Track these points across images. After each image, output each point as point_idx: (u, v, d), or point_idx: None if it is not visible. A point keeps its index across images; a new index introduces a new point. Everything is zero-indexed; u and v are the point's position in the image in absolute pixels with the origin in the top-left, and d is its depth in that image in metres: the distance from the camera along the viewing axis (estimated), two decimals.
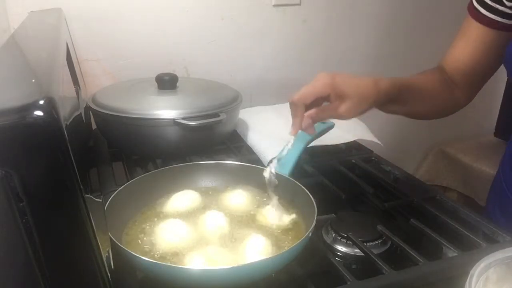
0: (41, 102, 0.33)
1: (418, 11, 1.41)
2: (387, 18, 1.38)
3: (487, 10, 0.73)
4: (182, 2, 1.11)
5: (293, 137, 0.67)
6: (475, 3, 0.75)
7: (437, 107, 0.80)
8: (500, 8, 0.71)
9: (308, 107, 0.64)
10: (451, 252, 0.63)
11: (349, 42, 1.35)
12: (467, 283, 0.44)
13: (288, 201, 0.69)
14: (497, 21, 0.73)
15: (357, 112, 0.63)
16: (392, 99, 0.68)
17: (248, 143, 0.97)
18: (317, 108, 0.65)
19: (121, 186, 0.65)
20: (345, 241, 0.66)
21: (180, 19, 1.12)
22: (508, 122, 1.59)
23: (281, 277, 0.57)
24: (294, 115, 0.64)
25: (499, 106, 1.64)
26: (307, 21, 1.27)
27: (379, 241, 0.66)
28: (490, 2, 0.72)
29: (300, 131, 0.75)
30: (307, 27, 1.27)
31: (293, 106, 0.64)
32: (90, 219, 0.38)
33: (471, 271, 0.45)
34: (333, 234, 0.68)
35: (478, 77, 0.80)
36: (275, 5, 1.21)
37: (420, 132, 1.57)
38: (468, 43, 0.77)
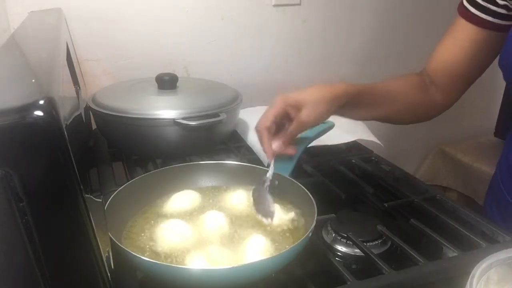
0: (41, 102, 0.33)
1: (418, 11, 1.41)
2: (387, 18, 1.38)
3: (478, 10, 0.72)
4: (182, 2, 1.11)
5: (272, 161, 0.68)
6: (465, 3, 0.74)
7: (410, 111, 0.80)
8: (492, 7, 0.70)
9: (275, 131, 0.67)
10: (451, 252, 0.63)
11: (348, 42, 1.35)
12: (468, 283, 0.44)
13: (288, 201, 0.69)
14: (489, 21, 0.71)
15: (317, 115, 0.65)
16: (354, 103, 0.69)
17: (248, 143, 0.97)
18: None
19: (121, 186, 0.65)
20: (345, 241, 0.66)
21: (180, 19, 1.12)
22: (508, 122, 1.59)
23: (281, 277, 0.57)
24: (260, 142, 0.66)
25: (499, 106, 1.64)
26: (307, 21, 1.27)
27: (379, 241, 0.66)
28: (481, 2, 0.71)
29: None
30: (307, 27, 1.27)
31: (257, 134, 0.66)
32: (90, 219, 0.38)
33: (472, 272, 0.45)
34: (333, 234, 0.68)
35: (464, 78, 0.78)
36: (275, 5, 1.21)
37: (420, 132, 1.57)
38: (456, 43, 0.76)
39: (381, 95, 0.74)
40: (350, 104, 0.69)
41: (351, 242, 0.66)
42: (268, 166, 0.69)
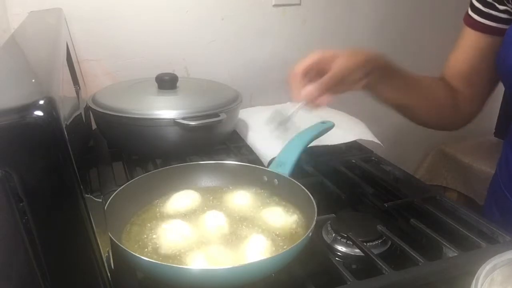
0: (41, 102, 0.33)
1: (418, 12, 1.41)
2: (387, 19, 1.38)
3: (482, 17, 0.74)
4: (182, 2, 1.11)
5: (299, 105, 0.64)
6: (469, 12, 0.76)
7: (437, 111, 0.80)
8: (494, 13, 0.72)
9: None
10: (451, 252, 0.63)
11: (348, 42, 1.35)
12: (473, 284, 0.44)
13: (288, 201, 0.69)
14: (492, 26, 0.73)
15: (352, 64, 0.63)
16: (384, 75, 0.68)
17: (248, 143, 0.97)
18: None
19: (121, 186, 0.65)
20: (345, 241, 0.66)
21: (180, 19, 1.12)
22: (508, 122, 1.58)
23: (281, 277, 0.57)
24: (291, 87, 0.64)
25: (499, 106, 1.63)
26: (307, 21, 1.27)
27: (379, 241, 0.66)
28: (483, 8, 0.73)
29: (298, 132, 0.75)
30: (307, 27, 1.27)
31: (291, 77, 0.64)
32: (90, 219, 0.38)
33: (477, 273, 0.45)
34: (333, 234, 0.68)
35: (480, 85, 0.79)
36: (275, 5, 1.21)
37: (420, 132, 1.56)
38: (466, 51, 0.78)
39: (413, 81, 0.74)
40: (380, 75, 0.67)
41: (351, 242, 0.65)
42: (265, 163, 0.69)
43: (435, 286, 0.58)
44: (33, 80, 0.41)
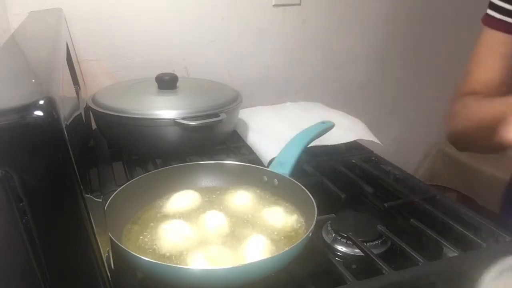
0: (41, 102, 0.33)
1: (419, 11, 1.41)
2: (388, 18, 1.38)
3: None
4: (182, 2, 1.11)
5: None
6: (497, 15, 0.71)
7: None
8: None
9: None
10: (451, 252, 0.63)
11: (349, 42, 1.35)
12: None
13: (288, 201, 0.69)
14: None
15: None
16: None
17: (248, 143, 0.97)
18: None
19: (121, 186, 0.65)
20: (345, 241, 0.66)
21: (180, 19, 1.12)
22: None
23: (281, 277, 0.57)
24: None
25: None
26: (307, 21, 1.27)
27: (379, 241, 0.66)
28: None
29: (299, 132, 0.75)
30: (307, 27, 1.27)
31: None
32: (90, 219, 0.38)
33: (481, 278, 0.45)
34: (333, 234, 0.68)
35: None
36: (275, 5, 1.21)
37: (420, 132, 1.57)
38: (496, 57, 0.72)
39: None
40: None
41: (351, 242, 0.65)
42: None
43: (435, 286, 0.58)
44: (33, 80, 0.41)
